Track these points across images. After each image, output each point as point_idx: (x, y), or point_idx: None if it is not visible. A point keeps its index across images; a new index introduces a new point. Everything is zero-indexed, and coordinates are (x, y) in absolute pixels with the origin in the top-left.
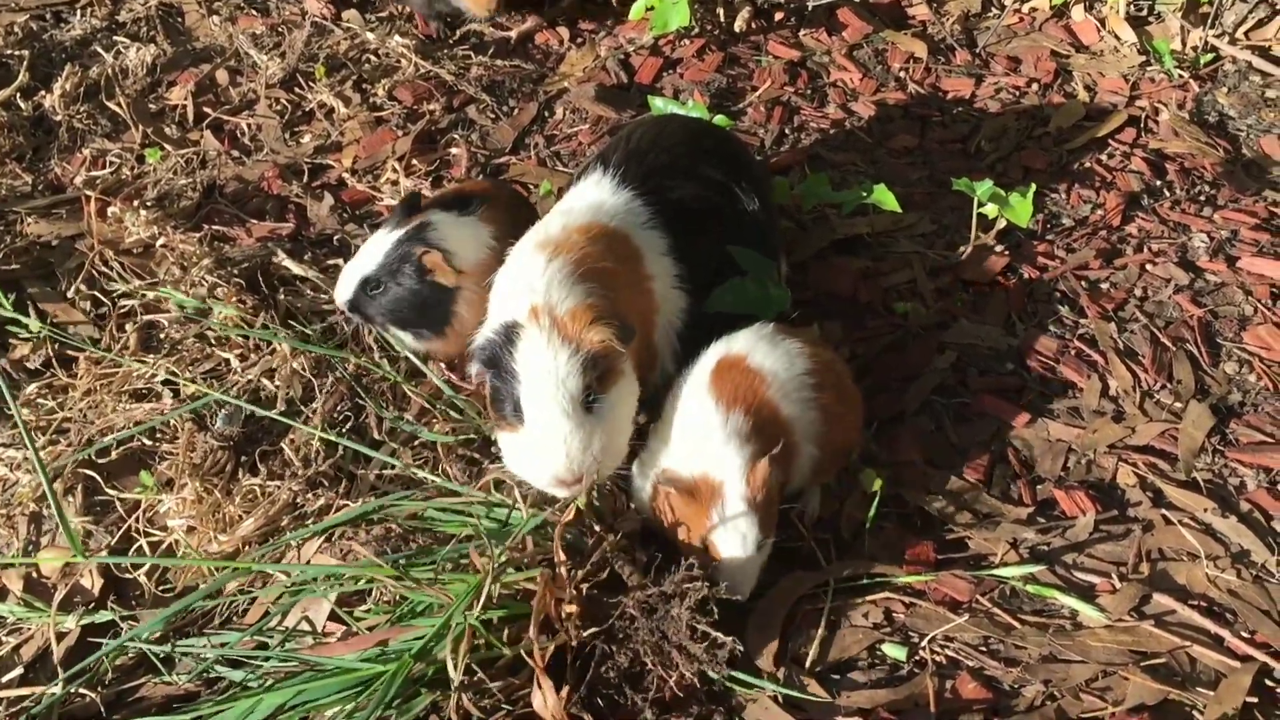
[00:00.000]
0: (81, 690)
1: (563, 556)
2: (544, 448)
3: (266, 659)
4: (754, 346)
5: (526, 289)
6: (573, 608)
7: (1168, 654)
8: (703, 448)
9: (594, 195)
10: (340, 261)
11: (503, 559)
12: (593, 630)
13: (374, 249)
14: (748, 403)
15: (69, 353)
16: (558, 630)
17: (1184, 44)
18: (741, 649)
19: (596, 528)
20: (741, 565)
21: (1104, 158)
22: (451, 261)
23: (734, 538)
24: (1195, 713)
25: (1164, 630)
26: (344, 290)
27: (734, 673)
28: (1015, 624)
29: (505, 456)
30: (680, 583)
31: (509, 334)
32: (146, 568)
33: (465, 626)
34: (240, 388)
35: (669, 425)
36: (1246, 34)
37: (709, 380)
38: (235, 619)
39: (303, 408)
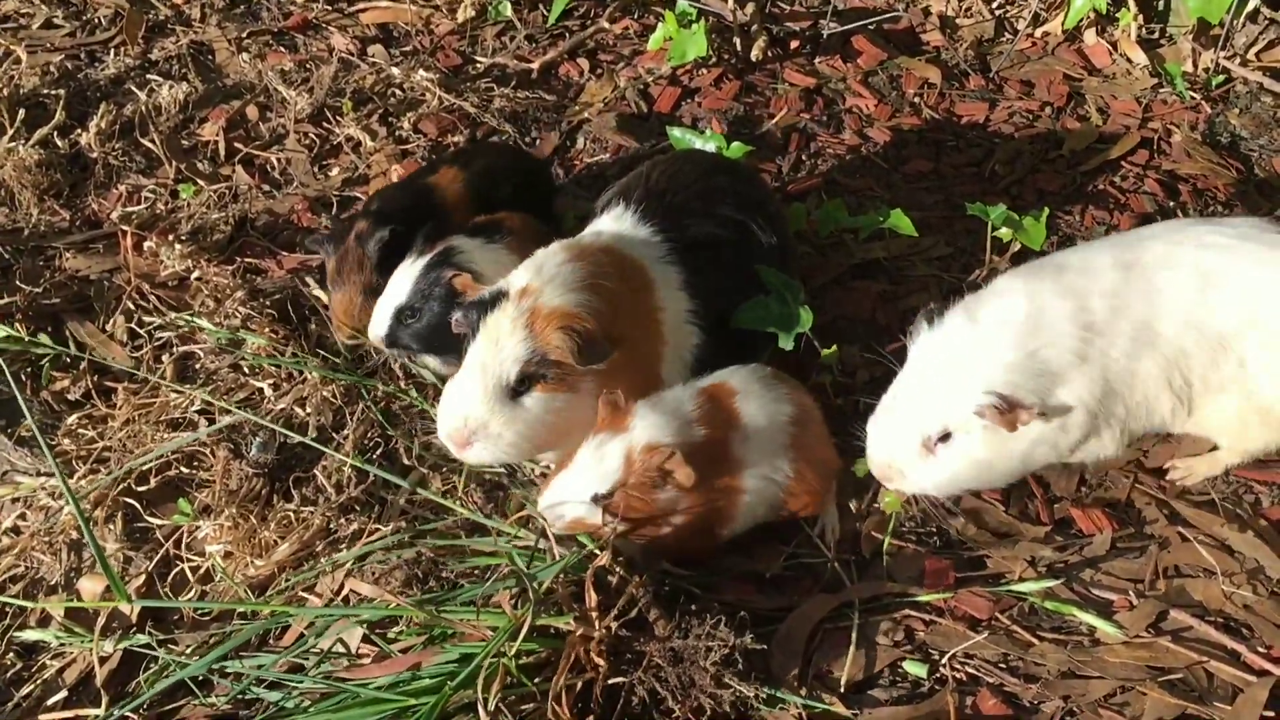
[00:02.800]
0: (126, 714)
1: (594, 600)
2: (450, 402)
3: (302, 681)
4: (746, 388)
5: (535, 269)
6: (602, 662)
7: (1185, 669)
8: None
9: (615, 227)
10: None
11: (540, 597)
12: (619, 680)
13: (402, 280)
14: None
15: (108, 384)
16: (585, 670)
17: (1195, 66)
18: (766, 692)
19: (619, 569)
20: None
21: (1117, 179)
22: (481, 283)
23: (573, 474)
24: None
25: (1181, 646)
26: (379, 326)
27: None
28: (1034, 641)
29: None
30: (705, 636)
31: (495, 299)
32: (185, 593)
33: (499, 665)
34: (273, 415)
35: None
36: (1258, 55)
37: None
38: (271, 640)
39: (334, 434)
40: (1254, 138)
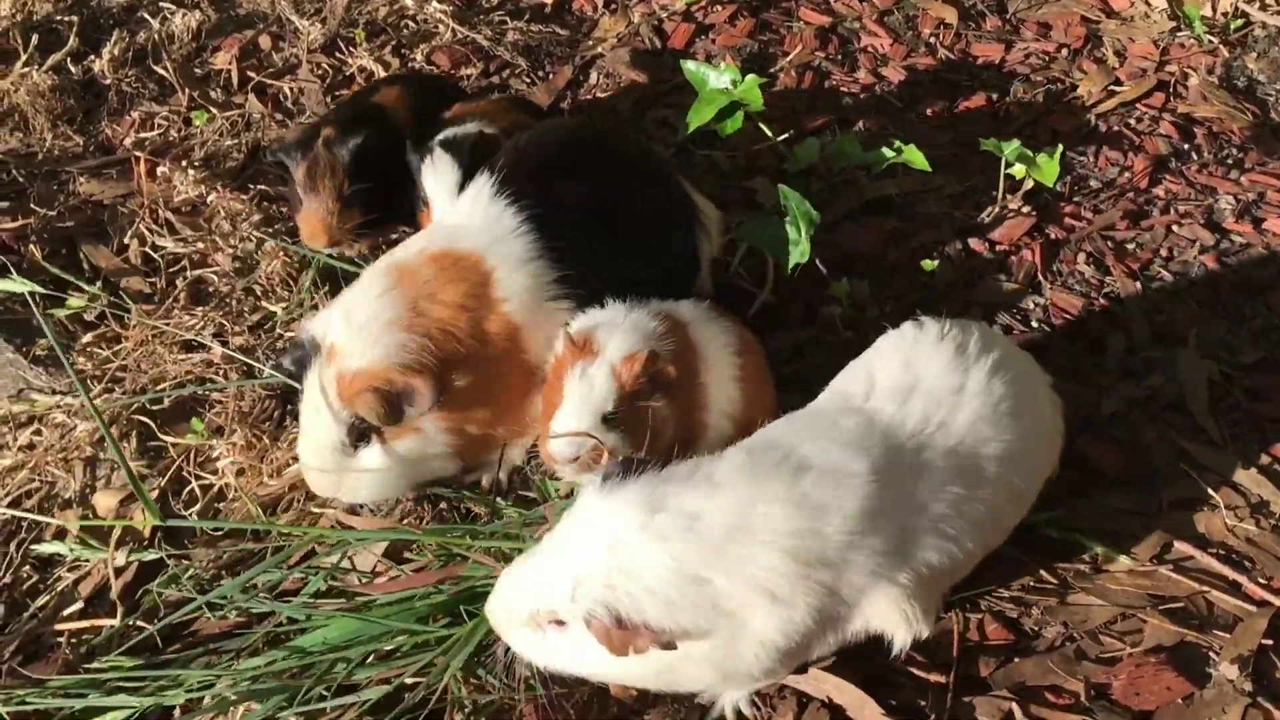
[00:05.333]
0: (139, 624)
1: None
2: (302, 466)
3: (316, 592)
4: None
5: (344, 316)
6: None
7: (1186, 598)
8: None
9: (465, 207)
10: None
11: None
12: None
13: None
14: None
15: (122, 306)
16: None
17: (1214, 9)
18: None
19: None
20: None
21: (1132, 122)
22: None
23: (575, 403)
24: (1211, 654)
25: (1183, 575)
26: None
27: None
28: (1038, 568)
29: None
30: None
31: (312, 350)
32: (198, 509)
33: None
34: (286, 340)
35: None
36: (1277, 0)
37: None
38: (282, 564)
39: None
40: (1271, 82)
